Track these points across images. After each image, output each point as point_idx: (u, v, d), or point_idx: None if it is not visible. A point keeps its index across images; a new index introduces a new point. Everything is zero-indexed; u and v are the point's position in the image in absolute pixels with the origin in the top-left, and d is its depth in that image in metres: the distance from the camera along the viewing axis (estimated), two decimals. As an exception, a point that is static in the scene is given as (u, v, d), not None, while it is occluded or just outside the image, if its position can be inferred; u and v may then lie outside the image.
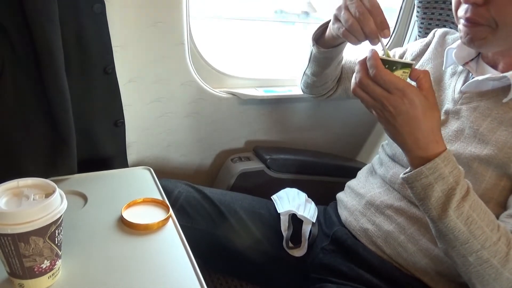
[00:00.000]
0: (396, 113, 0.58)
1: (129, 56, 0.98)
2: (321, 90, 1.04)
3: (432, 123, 0.60)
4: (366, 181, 0.91)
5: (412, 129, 0.59)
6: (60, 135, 0.80)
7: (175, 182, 0.94)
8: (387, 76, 0.58)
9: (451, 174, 0.59)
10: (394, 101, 0.58)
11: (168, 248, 0.64)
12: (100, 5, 0.81)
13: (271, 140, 1.33)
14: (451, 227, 0.60)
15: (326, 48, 0.87)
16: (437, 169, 0.59)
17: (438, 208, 0.60)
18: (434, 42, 0.89)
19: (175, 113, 1.14)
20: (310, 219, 0.91)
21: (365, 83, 0.60)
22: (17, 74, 0.74)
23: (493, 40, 0.66)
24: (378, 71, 0.58)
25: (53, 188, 0.52)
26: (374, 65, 0.58)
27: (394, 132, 0.61)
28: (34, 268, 0.51)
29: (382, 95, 0.58)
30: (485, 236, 0.59)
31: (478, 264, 0.60)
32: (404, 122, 0.59)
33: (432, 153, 0.60)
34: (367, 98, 0.61)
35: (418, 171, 0.60)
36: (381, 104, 0.59)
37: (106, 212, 0.70)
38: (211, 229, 0.88)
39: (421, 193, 0.61)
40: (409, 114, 0.58)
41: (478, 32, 0.67)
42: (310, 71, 0.97)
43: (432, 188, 0.60)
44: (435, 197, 0.60)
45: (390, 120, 0.60)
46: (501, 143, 0.68)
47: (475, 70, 0.77)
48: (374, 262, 0.79)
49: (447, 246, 0.63)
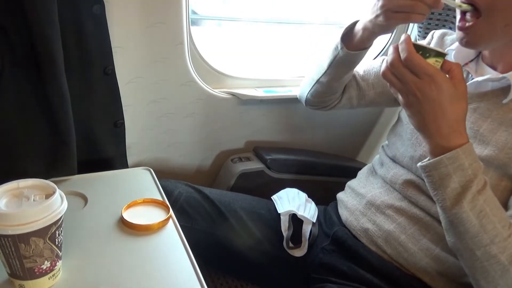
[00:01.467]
0: (422, 98, 0.58)
1: (129, 56, 0.98)
2: (328, 100, 1.01)
3: (458, 114, 0.60)
4: (366, 181, 0.91)
5: (437, 117, 0.59)
6: (60, 136, 0.80)
7: (175, 183, 0.94)
8: (417, 61, 0.57)
9: (471, 167, 0.59)
10: (422, 86, 0.58)
11: (168, 248, 0.64)
12: (100, 6, 0.81)
13: (271, 140, 1.33)
14: (463, 218, 0.60)
15: (356, 50, 0.85)
16: (457, 159, 0.59)
17: (452, 199, 0.60)
18: (432, 43, 0.89)
19: (175, 113, 1.14)
20: (310, 219, 0.91)
21: (396, 65, 0.59)
22: (17, 75, 0.74)
23: (488, 34, 0.67)
24: (409, 55, 0.58)
25: (53, 189, 0.52)
26: (406, 48, 0.58)
27: (418, 118, 0.61)
28: (35, 269, 0.51)
29: (411, 79, 0.58)
30: (496, 232, 0.59)
31: (485, 260, 0.60)
32: (430, 108, 0.59)
33: (454, 143, 0.60)
34: (395, 81, 0.61)
35: (438, 160, 0.60)
36: (408, 88, 0.59)
37: (106, 213, 0.70)
38: (211, 230, 0.88)
39: (438, 182, 0.61)
40: (436, 101, 0.58)
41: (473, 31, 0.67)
42: (327, 78, 0.93)
43: (450, 178, 0.60)
44: (451, 187, 0.60)
45: (415, 105, 0.60)
46: (501, 144, 0.68)
47: (474, 71, 0.77)
48: (374, 262, 0.79)
49: (455, 238, 0.63)
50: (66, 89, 0.77)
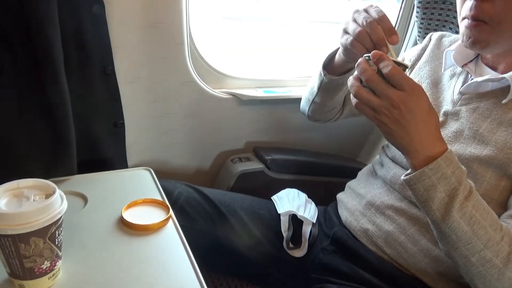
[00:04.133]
0: (406, 111, 0.58)
1: (128, 56, 0.98)
2: (329, 115, 1.02)
3: (436, 122, 0.61)
4: (366, 182, 0.91)
5: (420, 127, 0.59)
6: (60, 136, 0.80)
7: (175, 183, 0.94)
8: (402, 74, 0.57)
9: (454, 174, 0.59)
10: (406, 99, 0.57)
11: (168, 248, 0.64)
12: (100, 6, 0.81)
13: (271, 140, 1.33)
14: (454, 227, 0.60)
15: (337, 75, 0.86)
16: (439, 169, 0.59)
17: (441, 209, 0.60)
18: (431, 45, 0.90)
19: (175, 113, 1.14)
20: (310, 220, 0.91)
21: (376, 81, 0.58)
22: (17, 75, 0.74)
23: (495, 40, 0.67)
24: (394, 69, 0.57)
25: (53, 189, 0.52)
26: (389, 63, 0.57)
27: (401, 132, 0.60)
28: (35, 269, 0.51)
29: (394, 93, 0.57)
30: (488, 236, 0.59)
31: (481, 265, 0.60)
32: (414, 120, 0.58)
33: (437, 151, 0.60)
34: (373, 99, 0.59)
35: (421, 172, 0.60)
36: (391, 103, 0.58)
37: (106, 213, 0.70)
38: (211, 230, 0.88)
39: (424, 195, 0.61)
40: (418, 112, 0.58)
41: (480, 33, 0.66)
42: (320, 99, 0.95)
43: (435, 189, 0.59)
44: (438, 198, 0.60)
45: (399, 120, 0.58)
46: (501, 144, 0.68)
47: (474, 71, 0.77)
48: (374, 262, 0.79)
49: (449, 247, 0.63)
50: (66, 89, 0.77)
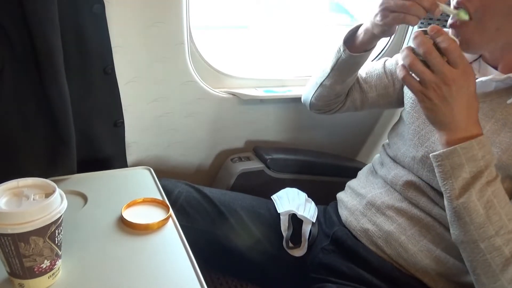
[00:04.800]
0: (456, 88, 0.59)
1: (129, 56, 0.98)
2: (333, 104, 1.01)
3: (477, 106, 0.62)
4: (366, 181, 0.91)
5: (463, 108, 0.60)
6: (59, 135, 0.80)
7: (175, 182, 0.94)
8: (459, 51, 0.58)
9: (483, 158, 0.60)
10: (458, 76, 0.58)
11: (168, 248, 0.64)
12: (100, 5, 0.81)
13: (271, 140, 1.33)
14: (470, 208, 0.60)
15: (358, 53, 0.86)
16: (471, 150, 0.60)
17: (461, 188, 0.61)
18: None
19: (175, 113, 1.14)
20: (310, 219, 0.91)
21: (434, 54, 0.59)
22: (17, 74, 0.74)
23: (478, 38, 0.68)
24: (454, 44, 0.58)
25: (53, 188, 0.52)
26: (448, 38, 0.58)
27: (445, 109, 0.60)
28: (34, 268, 0.51)
29: (449, 68, 0.58)
30: (501, 223, 0.59)
31: (488, 252, 0.60)
32: (461, 98, 0.59)
33: (471, 133, 0.61)
34: (427, 73, 0.60)
35: (452, 150, 0.61)
36: (442, 79, 0.59)
37: (106, 212, 0.70)
38: (211, 229, 0.88)
39: (449, 172, 0.62)
40: (465, 93, 0.59)
41: (464, 33, 0.68)
42: (331, 81, 0.93)
43: (462, 168, 0.60)
44: (462, 177, 0.61)
45: (446, 97, 0.59)
46: (505, 145, 0.67)
47: (478, 71, 0.77)
48: (374, 262, 0.79)
49: (460, 230, 0.63)
50: (66, 88, 0.77)
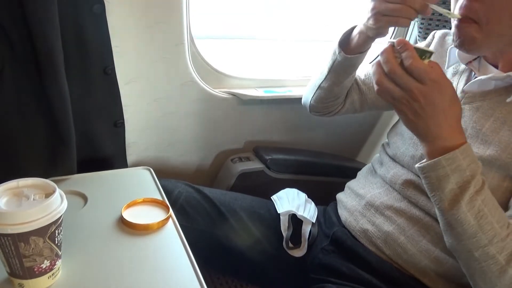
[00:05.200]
0: (426, 104, 0.58)
1: (129, 56, 0.98)
2: (332, 106, 1.02)
3: (457, 114, 0.60)
4: (366, 181, 0.91)
5: (439, 120, 0.59)
6: (59, 135, 0.80)
7: (175, 182, 0.94)
8: (422, 68, 0.57)
9: (469, 168, 0.59)
10: (427, 92, 0.57)
11: (168, 248, 0.64)
12: (100, 6, 0.81)
13: (271, 140, 1.33)
14: (461, 219, 0.60)
15: (353, 54, 0.86)
16: (455, 160, 0.59)
17: (450, 200, 0.60)
18: (434, 43, 0.89)
19: (175, 113, 1.14)
20: (310, 220, 0.91)
21: (398, 73, 0.58)
22: (17, 74, 0.74)
23: (482, 40, 0.67)
24: (415, 62, 0.57)
25: (53, 188, 0.52)
26: (411, 55, 0.57)
27: (420, 123, 0.60)
28: (34, 268, 0.51)
29: (415, 86, 0.57)
30: (494, 232, 0.59)
31: (483, 260, 0.60)
32: (433, 112, 0.58)
33: (454, 143, 0.60)
34: (395, 89, 0.59)
35: (436, 161, 0.60)
36: (411, 95, 0.58)
37: (106, 212, 0.70)
38: (211, 229, 0.88)
39: (435, 184, 0.61)
40: (439, 105, 0.58)
41: (468, 33, 0.67)
42: (328, 83, 0.94)
43: (448, 179, 0.60)
44: (449, 188, 0.60)
45: (418, 111, 0.59)
46: (504, 144, 0.67)
47: (478, 69, 0.77)
48: (374, 262, 0.79)
49: (453, 240, 0.63)
50: (66, 88, 0.77)
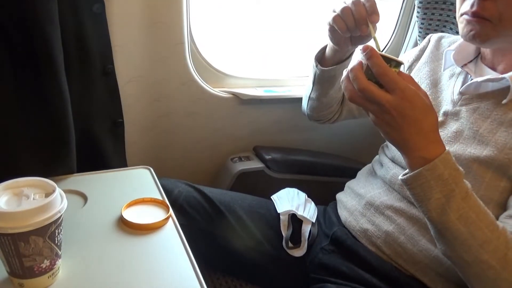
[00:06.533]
0: (397, 115, 0.57)
1: (129, 56, 0.98)
2: (327, 114, 1.05)
3: (432, 124, 0.59)
4: (366, 182, 0.91)
5: (413, 131, 0.58)
6: (59, 135, 0.79)
7: (175, 182, 0.94)
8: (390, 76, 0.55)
9: (451, 176, 0.59)
10: (397, 103, 0.56)
11: (167, 247, 0.63)
12: (100, 5, 0.81)
13: (271, 140, 1.33)
14: (450, 228, 0.59)
15: (329, 66, 0.90)
16: (436, 170, 0.58)
17: (437, 210, 0.60)
18: (430, 46, 0.90)
19: (175, 113, 1.14)
20: (310, 219, 0.91)
21: (368, 90, 0.57)
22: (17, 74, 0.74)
23: (495, 35, 0.67)
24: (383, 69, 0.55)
25: (53, 187, 0.52)
26: (377, 63, 0.56)
27: (396, 135, 0.59)
28: (34, 268, 0.51)
29: (386, 99, 0.56)
30: (484, 237, 0.59)
31: (477, 265, 0.60)
32: (406, 124, 0.57)
33: (432, 153, 0.59)
34: (367, 104, 0.59)
35: (417, 173, 0.60)
36: (382, 108, 0.57)
37: (106, 212, 0.70)
38: (211, 229, 0.88)
39: (420, 195, 0.61)
40: (411, 117, 0.57)
41: (482, 28, 0.67)
42: (316, 94, 0.99)
43: (432, 190, 0.59)
44: (435, 198, 0.59)
45: (391, 123, 0.58)
46: (501, 144, 0.68)
47: (473, 71, 0.77)
48: (373, 262, 0.79)
49: (446, 247, 0.63)
50: (66, 88, 0.77)
